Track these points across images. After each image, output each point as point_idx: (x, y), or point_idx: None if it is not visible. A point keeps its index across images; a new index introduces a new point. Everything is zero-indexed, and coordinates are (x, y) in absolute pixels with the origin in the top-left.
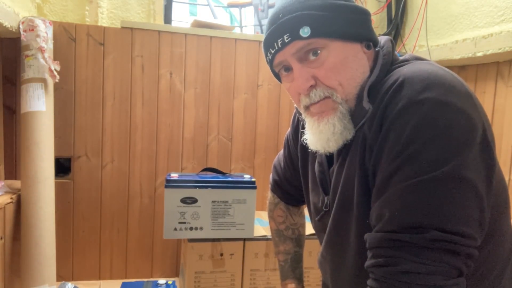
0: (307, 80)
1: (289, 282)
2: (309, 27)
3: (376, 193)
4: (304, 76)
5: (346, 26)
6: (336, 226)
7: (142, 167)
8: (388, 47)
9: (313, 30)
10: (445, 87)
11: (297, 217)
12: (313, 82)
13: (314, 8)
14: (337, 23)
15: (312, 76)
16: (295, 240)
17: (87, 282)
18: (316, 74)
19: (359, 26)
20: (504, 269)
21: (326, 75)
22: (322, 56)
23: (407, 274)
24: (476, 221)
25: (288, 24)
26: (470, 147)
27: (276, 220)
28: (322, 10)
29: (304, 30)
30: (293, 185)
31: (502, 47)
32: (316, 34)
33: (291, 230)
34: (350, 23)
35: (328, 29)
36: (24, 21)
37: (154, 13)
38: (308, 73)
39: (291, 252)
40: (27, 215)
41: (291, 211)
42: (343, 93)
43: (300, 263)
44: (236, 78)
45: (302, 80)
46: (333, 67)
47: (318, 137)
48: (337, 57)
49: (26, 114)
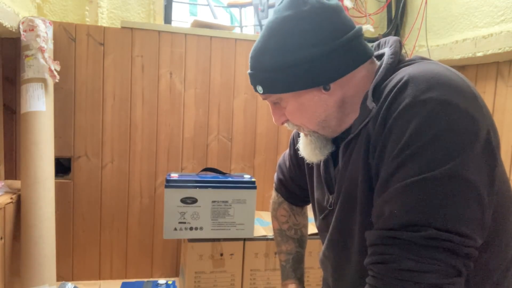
0: (279, 117)
1: (290, 282)
2: (261, 86)
3: (377, 191)
4: (277, 114)
5: (295, 81)
6: (339, 224)
7: (142, 167)
8: (396, 47)
9: (264, 89)
10: (450, 87)
11: (300, 218)
12: (285, 118)
13: (264, 68)
14: (285, 80)
15: (283, 114)
16: (298, 240)
17: (87, 282)
18: (285, 114)
19: (314, 74)
20: (507, 270)
21: (291, 117)
22: (282, 104)
23: (405, 271)
24: (476, 222)
25: (251, 78)
26: (472, 148)
27: (279, 220)
28: (270, 71)
29: (259, 88)
30: (297, 184)
31: (502, 47)
32: (268, 91)
33: (294, 230)
34: (300, 77)
35: (277, 88)
36: (24, 21)
37: (154, 13)
38: (280, 112)
39: (293, 252)
40: (27, 215)
41: (294, 211)
42: (309, 129)
43: (301, 264)
44: (236, 78)
45: (276, 117)
46: (293, 113)
47: (304, 148)
48: (293, 106)
49: (26, 114)
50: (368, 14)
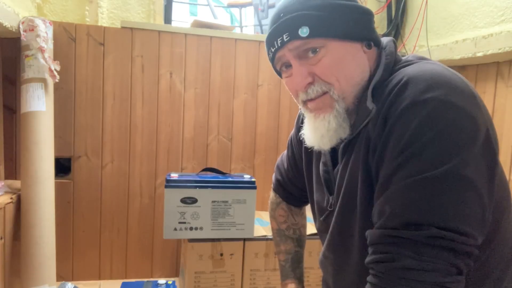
0: (305, 77)
1: (289, 282)
2: (308, 27)
3: (378, 190)
4: (303, 73)
5: (344, 26)
6: (339, 225)
7: (142, 167)
8: (391, 47)
9: (311, 30)
10: (449, 87)
11: (299, 218)
12: (311, 79)
13: (313, 8)
14: (335, 23)
15: (310, 73)
16: (296, 240)
17: (87, 282)
18: (314, 70)
19: (359, 26)
20: (506, 269)
21: (324, 71)
22: (320, 54)
23: (406, 270)
24: (477, 220)
25: (288, 24)
26: (471, 147)
27: (277, 220)
28: (321, 10)
29: (303, 30)
30: (295, 185)
31: (502, 47)
32: (314, 34)
33: (292, 229)
34: (349, 23)
35: (326, 30)
36: (24, 21)
37: (154, 13)
38: (306, 70)
39: (291, 252)
40: (27, 215)
41: (293, 211)
42: (340, 90)
43: (300, 263)
44: (236, 78)
45: (300, 78)
46: (331, 65)
47: (313, 133)
48: (335, 56)
49: (26, 114)
50: None
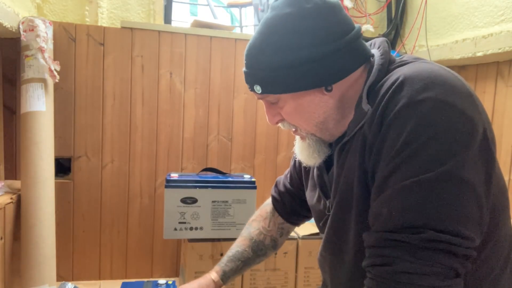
0: (274, 116)
1: (213, 271)
2: (259, 86)
3: (374, 192)
4: (271, 113)
5: (293, 81)
6: (335, 225)
7: (142, 167)
8: (385, 47)
9: (263, 89)
10: (446, 87)
11: (274, 228)
12: (280, 118)
13: (264, 66)
14: (285, 81)
15: (278, 113)
16: (255, 243)
17: (87, 282)
18: (280, 112)
19: (311, 76)
20: (503, 270)
21: (287, 117)
22: (279, 104)
23: (403, 274)
24: (474, 222)
25: (246, 77)
26: (469, 148)
27: (256, 215)
28: (270, 70)
29: (257, 87)
30: (294, 196)
31: (502, 47)
32: (266, 91)
33: (259, 232)
34: (298, 78)
35: (276, 88)
36: (24, 21)
37: (154, 13)
38: (274, 111)
39: (242, 248)
40: (27, 215)
41: (275, 219)
42: (306, 130)
43: (240, 263)
44: (236, 78)
45: (270, 116)
46: (291, 112)
47: (300, 153)
48: (292, 106)
49: (26, 114)
50: (368, 14)
